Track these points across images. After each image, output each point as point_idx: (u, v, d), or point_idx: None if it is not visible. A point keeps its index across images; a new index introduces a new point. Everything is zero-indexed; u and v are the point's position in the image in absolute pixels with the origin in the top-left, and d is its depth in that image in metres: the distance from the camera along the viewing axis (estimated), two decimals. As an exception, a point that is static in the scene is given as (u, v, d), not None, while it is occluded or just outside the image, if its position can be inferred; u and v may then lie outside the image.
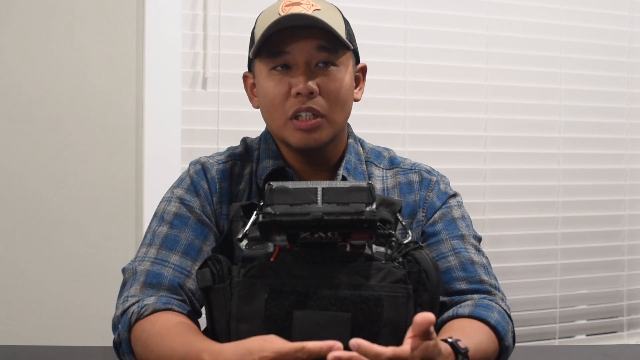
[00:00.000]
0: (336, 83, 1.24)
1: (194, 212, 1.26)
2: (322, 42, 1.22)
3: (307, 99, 1.22)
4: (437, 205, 1.33)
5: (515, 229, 2.32)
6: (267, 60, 1.24)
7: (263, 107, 1.28)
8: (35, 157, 1.85)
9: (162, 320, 1.12)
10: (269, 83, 1.24)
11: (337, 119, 1.26)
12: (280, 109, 1.24)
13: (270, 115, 1.27)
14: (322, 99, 1.23)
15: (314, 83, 1.22)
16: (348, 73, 1.27)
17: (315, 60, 1.23)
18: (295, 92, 1.22)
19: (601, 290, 2.44)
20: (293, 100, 1.23)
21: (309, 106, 1.22)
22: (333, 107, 1.24)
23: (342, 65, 1.26)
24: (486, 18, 2.28)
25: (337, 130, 1.27)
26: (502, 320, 1.19)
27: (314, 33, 1.22)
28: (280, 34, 1.21)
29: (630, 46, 2.46)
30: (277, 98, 1.24)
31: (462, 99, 2.26)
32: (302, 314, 0.97)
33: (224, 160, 1.33)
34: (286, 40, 1.22)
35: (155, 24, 1.92)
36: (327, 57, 1.24)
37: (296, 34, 1.22)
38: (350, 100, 1.29)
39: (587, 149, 2.42)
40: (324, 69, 1.24)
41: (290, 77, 1.23)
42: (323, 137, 1.25)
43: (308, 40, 1.22)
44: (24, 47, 1.84)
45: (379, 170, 1.36)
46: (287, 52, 1.22)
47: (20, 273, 1.84)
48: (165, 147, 1.93)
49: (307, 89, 1.21)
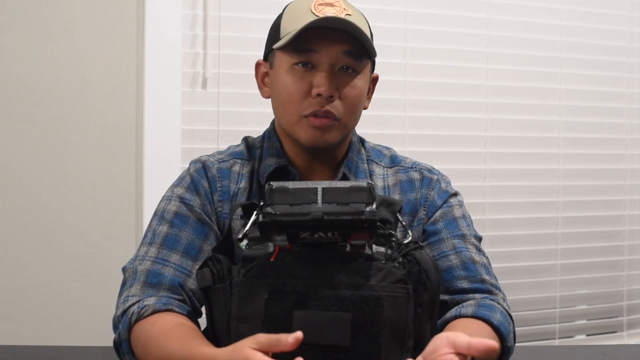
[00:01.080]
0: (355, 90, 1.25)
1: (194, 211, 1.26)
2: (350, 48, 1.22)
3: (326, 101, 1.22)
4: (438, 204, 1.33)
5: (515, 229, 2.32)
6: (291, 54, 1.23)
7: (277, 99, 1.28)
8: (35, 157, 1.85)
9: (162, 321, 1.11)
10: (290, 78, 1.24)
11: (348, 124, 1.27)
12: (297, 106, 1.24)
13: (284, 109, 1.26)
14: (340, 103, 1.24)
15: (335, 87, 1.23)
16: (365, 82, 1.28)
17: (340, 64, 1.23)
18: (316, 92, 1.22)
19: (601, 290, 2.44)
20: (312, 100, 1.23)
21: (327, 109, 1.22)
22: (348, 112, 1.25)
23: (362, 74, 1.26)
24: (486, 18, 2.28)
25: (346, 134, 1.28)
26: (505, 321, 1.19)
27: (344, 37, 1.22)
28: (311, 32, 1.21)
29: (630, 46, 2.46)
30: (295, 94, 1.23)
31: (462, 99, 2.26)
32: (302, 314, 0.97)
33: (225, 158, 1.32)
34: (316, 39, 1.22)
35: (155, 24, 1.92)
36: (351, 62, 1.24)
37: (327, 35, 1.21)
38: (362, 107, 1.30)
39: (587, 149, 2.42)
40: (347, 75, 1.24)
41: (312, 76, 1.23)
42: (333, 139, 1.25)
43: (338, 43, 1.22)
44: (24, 47, 1.84)
45: (379, 169, 1.36)
46: (315, 50, 1.22)
47: (20, 273, 1.84)
48: (165, 147, 1.93)
49: (328, 92, 1.21)
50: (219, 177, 1.29)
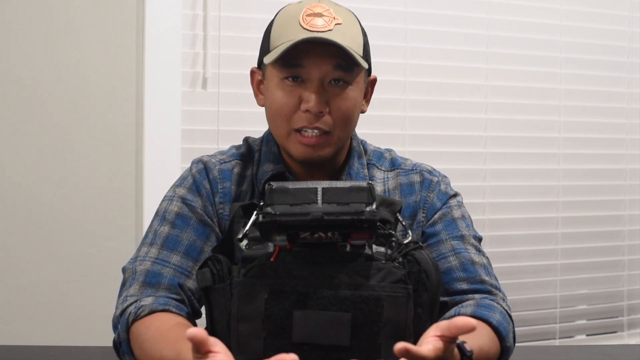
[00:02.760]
0: (347, 102, 1.23)
1: (196, 212, 1.26)
2: (340, 61, 1.21)
3: (315, 117, 1.21)
4: (437, 206, 1.32)
5: (515, 229, 2.32)
6: (280, 69, 1.22)
7: (269, 112, 1.27)
8: (35, 157, 1.85)
9: (158, 322, 1.11)
10: (279, 92, 1.23)
11: (342, 135, 1.25)
12: (287, 120, 1.23)
13: (275, 123, 1.26)
14: (330, 117, 1.22)
15: (324, 102, 1.21)
16: (360, 91, 1.26)
17: (330, 77, 1.22)
18: (305, 108, 1.21)
19: (601, 290, 2.44)
20: (301, 115, 1.21)
21: (316, 125, 1.21)
22: (339, 125, 1.23)
23: (354, 84, 1.24)
24: (486, 18, 2.28)
25: (340, 146, 1.27)
26: (504, 321, 1.19)
27: (333, 51, 1.19)
28: (299, 47, 1.19)
29: (630, 46, 2.46)
30: (284, 109, 1.22)
31: (462, 99, 2.26)
32: (302, 314, 0.97)
33: (227, 159, 1.32)
34: (304, 55, 1.20)
35: (155, 24, 1.92)
36: (342, 75, 1.22)
37: (315, 49, 1.19)
38: (357, 115, 1.28)
39: (587, 149, 2.42)
40: (337, 87, 1.22)
41: (302, 91, 1.21)
42: (325, 153, 1.24)
43: (326, 58, 1.20)
44: (24, 47, 1.84)
45: (380, 173, 1.35)
46: (303, 66, 1.21)
47: (20, 273, 1.84)
48: (165, 147, 1.93)
49: (317, 109, 1.20)
50: (220, 179, 1.29)
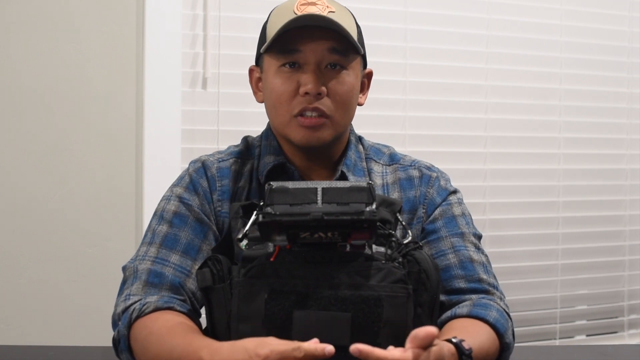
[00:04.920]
0: (344, 86, 1.25)
1: (193, 210, 1.26)
2: (335, 45, 1.23)
3: (315, 99, 1.23)
4: (437, 202, 1.33)
5: (515, 229, 2.32)
6: (277, 57, 1.24)
7: (268, 102, 1.29)
8: (35, 157, 1.85)
9: (164, 318, 1.12)
10: (277, 80, 1.25)
11: (341, 120, 1.27)
12: (287, 106, 1.24)
13: (275, 111, 1.27)
14: (329, 100, 1.24)
15: (323, 84, 1.23)
16: (356, 77, 1.28)
17: (326, 61, 1.24)
18: (303, 91, 1.22)
19: (602, 291, 2.44)
20: (300, 99, 1.23)
21: (316, 106, 1.23)
22: (339, 109, 1.25)
23: (351, 69, 1.26)
24: (486, 18, 2.28)
25: (339, 131, 1.28)
26: (501, 318, 1.19)
27: (327, 34, 1.22)
28: (294, 32, 1.21)
29: (630, 46, 2.46)
30: (284, 95, 1.24)
31: (462, 99, 2.26)
32: (302, 314, 0.97)
33: (225, 158, 1.33)
34: (299, 38, 1.22)
35: (155, 24, 1.92)
36: (338, 59, 1.24)
37: (310, 33, 1.22)
38: (355, 103, 1.30)
39: (587, 149, 2.42)
40: (334, 72, 1.25)
41: (299, 76, 1.23)
42: (325, 137, 1.25)
43: (321, 41, 1.22)
44: (25, 47, 1.84)
45: (378, 167, 1.36)
46: (299, 50, 1.23)
47: (20, 273, 1.84)
48: (165, 147, 1.93)
49: (315, 90, 1.22)
50: (218, 177, 1.30)
